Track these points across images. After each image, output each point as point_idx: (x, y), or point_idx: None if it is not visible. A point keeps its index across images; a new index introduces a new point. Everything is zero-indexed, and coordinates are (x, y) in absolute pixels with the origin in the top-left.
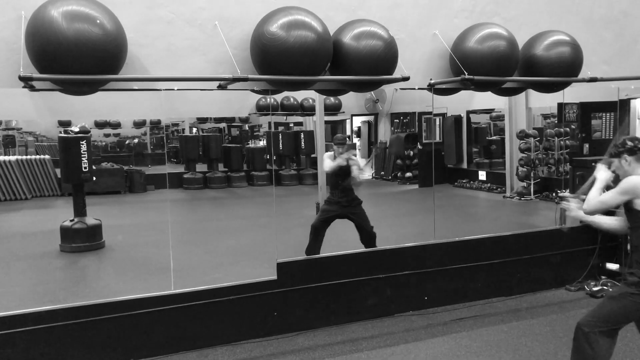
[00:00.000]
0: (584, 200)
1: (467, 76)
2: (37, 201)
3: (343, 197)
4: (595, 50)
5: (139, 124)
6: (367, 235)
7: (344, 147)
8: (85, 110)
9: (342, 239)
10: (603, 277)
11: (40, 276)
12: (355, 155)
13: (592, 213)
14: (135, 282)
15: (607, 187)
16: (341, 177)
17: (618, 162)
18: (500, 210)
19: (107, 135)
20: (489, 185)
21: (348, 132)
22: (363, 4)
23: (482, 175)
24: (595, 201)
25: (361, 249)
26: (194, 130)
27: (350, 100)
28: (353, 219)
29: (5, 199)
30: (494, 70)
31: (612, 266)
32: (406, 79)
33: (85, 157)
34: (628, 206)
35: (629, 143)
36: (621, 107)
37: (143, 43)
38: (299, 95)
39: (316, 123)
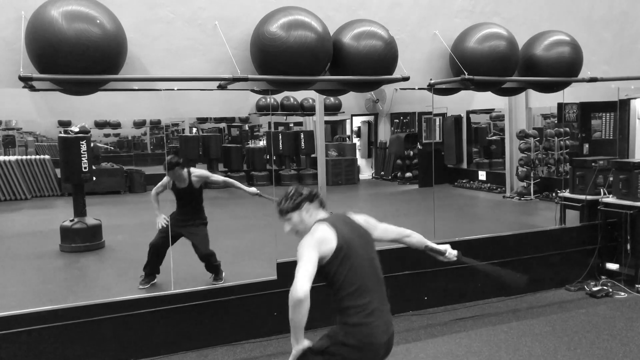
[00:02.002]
0: None
1: (467, 76)
2: (37, 201)
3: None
4: (595, 50)
5: (139, 124)
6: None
7: (172, 172)
8: (85, 110)
9: None
10: (603, 277)
11: (40, 276)
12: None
13: (298, 289)
14: (135, 282)
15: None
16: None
17: (298, 216)
18: (500, 210)
19: (107, 135)
20: (489, 185)
21: (348, 132)
22: (363, 4)
23: (482, 175)
24: (295, 279)
25: None
26: (194, 130)
27: (350, 100)
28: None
29: (5, 199)
30: (494, 70)
31: (612, 266)
32: (406, 79)
33: (85, 157)
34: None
35: (304, 191)
36: (621, 107)
37: (143, 43)
38: (299, 95)
39: (316, 123)
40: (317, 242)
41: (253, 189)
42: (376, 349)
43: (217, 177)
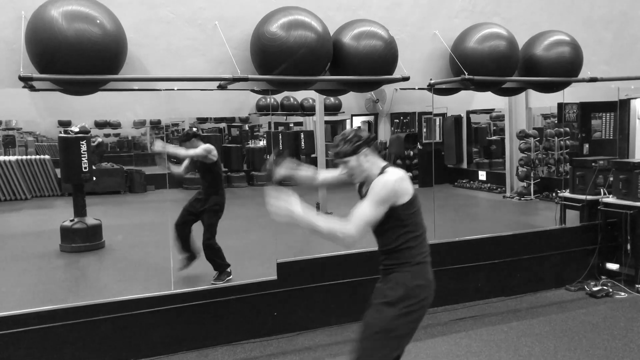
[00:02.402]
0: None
1: (467, 76)
2: (37, 201)
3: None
4: (595, 50)
5: (139, 124)
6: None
7: (188, 144)
8: (85, 110)
9: None
10: (603, 277)
11: (40, 276)
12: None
13: (358, 236)
14: (135, 282)
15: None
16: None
17: (356, 160)
18: (500, 210)
19: (107, 135)
20: (489, 185)
21: None
22: (363, 4)
23: (482, 175)
24: (357, 224)
25: (361, 249)
26: (194, 130)
27: (350, 100)
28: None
29: (5, 199)
30: (494, 70)
31: (612, 266)
32: (406, 79)
33: (85, 157)
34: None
35: (364, 134)
36: (621, 107)
37: (143, 43)
38: (299, 95)
39: (316, 123)
40: (398, 190)
41: (176, 169)
42: (433, 287)
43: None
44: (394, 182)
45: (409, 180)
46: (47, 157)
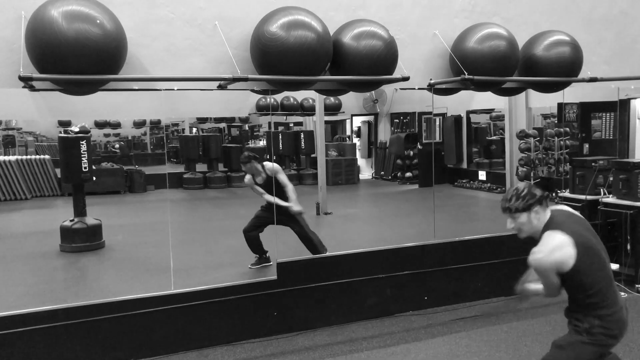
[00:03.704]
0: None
1: (467, 76)
2: (37, 201)
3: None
4: (595, 50)
5: (139, 124)
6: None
7: (248, 166)
8: (85, 110)
9: (342, 239)
10: None
11: (40, 276)
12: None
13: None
14: (135, 282)
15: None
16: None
17: (526, 217)
18: (500, 210)
19: (107, 135)
20: (489, 185)
21: (348, 132)
22: (363, 4)
23: (482, 175)
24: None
25: (361, 249)
26: (194, 130)
27: (350, 100)
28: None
29: (5, 199)
30: (494, 70)
31: (612, 266)
32: (406, 79)
33: (85, 157)
34: None
35: (537, 192)
36: (621, 107)
37: (143, 43)
38: (299, 95)
39: (316, 123)
40: (556, 263)
41: (298, 208)
42: (622, 331)
43: (284, 178)
44: (546, 260)
45: (569, 246)
46: (47, 157)
